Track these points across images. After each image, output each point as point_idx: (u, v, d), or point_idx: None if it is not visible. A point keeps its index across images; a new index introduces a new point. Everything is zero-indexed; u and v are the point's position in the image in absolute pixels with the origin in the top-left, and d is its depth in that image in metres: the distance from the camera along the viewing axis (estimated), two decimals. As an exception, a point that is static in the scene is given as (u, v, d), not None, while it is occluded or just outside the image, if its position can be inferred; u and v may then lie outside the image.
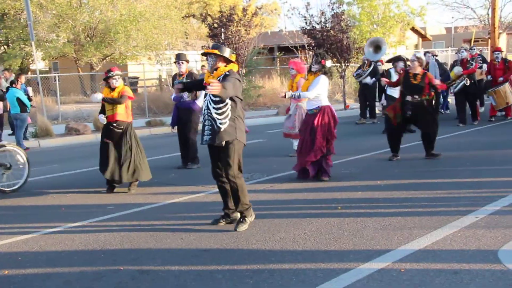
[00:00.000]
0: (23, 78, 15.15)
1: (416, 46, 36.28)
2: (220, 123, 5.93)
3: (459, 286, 4.25)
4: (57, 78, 22.35)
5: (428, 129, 9.56)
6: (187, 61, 9.95)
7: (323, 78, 8.22)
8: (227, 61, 6.04)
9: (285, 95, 8.50)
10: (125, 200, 7.76)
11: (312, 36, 21.39)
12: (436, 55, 17.09)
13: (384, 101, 17.36)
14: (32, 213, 7.36)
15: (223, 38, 19.17)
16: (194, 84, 7.38)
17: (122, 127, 8.36)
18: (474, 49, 16.41)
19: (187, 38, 37.11)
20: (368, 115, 16.59)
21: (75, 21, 28.70)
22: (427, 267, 4.67)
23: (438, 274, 4.49)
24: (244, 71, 20.49)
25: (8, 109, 14.54)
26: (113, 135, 8.36)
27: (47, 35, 28.99)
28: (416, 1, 68.86)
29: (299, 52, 26.50)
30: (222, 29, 19.12)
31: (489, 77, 15.15)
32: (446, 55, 29.21)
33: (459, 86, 14.11)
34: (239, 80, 6.01)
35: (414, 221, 6.03)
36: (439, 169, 8.78)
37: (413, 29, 34.29)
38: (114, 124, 8.34)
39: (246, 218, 6.14)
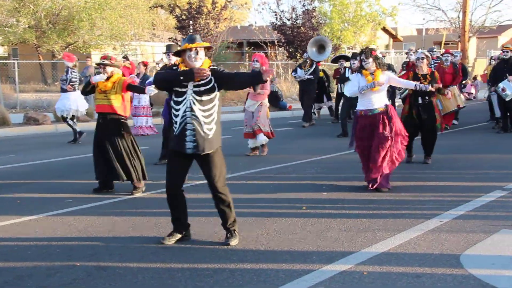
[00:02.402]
0: None
1: (387, 47, 36.61)
2: (208, 129, 5.17)
3: (421, 290, 4.23)
4: (16, 65, 21.74)
5: (433, 130, 9.35)
6: None
7: (392, 73, 7.60)
8: (206, 52, 5.32)
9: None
10: (84, 194, 7.54)
11: (282, 32, 21.43)
12: (384, 56, 16.53)
13: (327, 103, 17.23)
14: (-15, 204, 7.10)
15: (191, 31, 18.95)
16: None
17: (111, 119, 7.57)
18: (435, 51, 16.18)
19: (154, 29, 36.73)
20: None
21: (37, 6, 28.07)
22: (389, 270, 4.66)
23: (400, 278, 4.48)
24: (211, 66, 20.28)
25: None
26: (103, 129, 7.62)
27: (6, 20, 28.25)
28: (388, 1, 69.45)
29: (269, 48, 26.46)
30: (191, 21, 18.91)
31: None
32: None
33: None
34: None
35: (379, 223, 6.01)
36: (404, 172, 8.78)
37: (384, 29, 34.60)
38: (104, 117, 7.60)
39: (236, 232, 5.49)
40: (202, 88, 5.17)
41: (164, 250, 5.22)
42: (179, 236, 5.49)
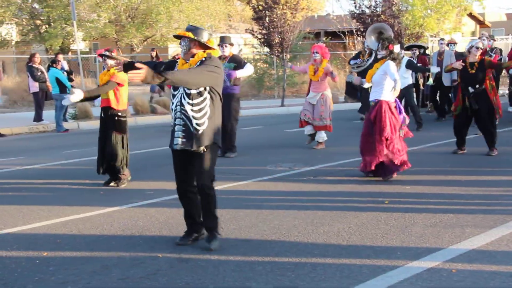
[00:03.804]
0: (60, 57, 15.27)
1: (473, 33, 34.91)
2: (197, 124, 4.92)
3: (517, 290, 4.02)
4: (97, 59, 22.40)
5: (489, 119, 8.99)
6: (231, 44, 9.68)
7: (392, 64, 7.50)
8: (204, 47, 5.07)
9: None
10: (164, 186, 7.60)
11: (361, 21, 20.92)
12: (455, 43, 15.14)
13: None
14: (70, 196, 7.33)
15: (267, 21, 18.83)
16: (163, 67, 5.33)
17: (110, 114, 7.75)
18: None
19: (230, 20, 36.91)
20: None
21: (117, 0, 28.76)
22: (481, 268, 4.45)
23: (493, 277, 4.28)
24: (288, 57, 20.13)
25: (50, 89, 14.70)
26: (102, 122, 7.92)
27: (88, 15, 29.08)
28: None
29: (347, 38, 25.94)
30: (267, 12, 18.75)
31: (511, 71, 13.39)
32: (506, 43, 27.25)
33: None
34: (217, 67, 4.97)
35: (467, 219, 5.76)
36: (494, 165, 8.40)
37: (471, 15, 33.01)
38: (104, 111, 7.82)
39: (217, 231, 5.17)
40: None
41: (244, 243, 5.20)
42: (195, 235, 5.31)
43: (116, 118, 7.74)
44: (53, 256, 5.01)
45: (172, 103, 5.07)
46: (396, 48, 7.66)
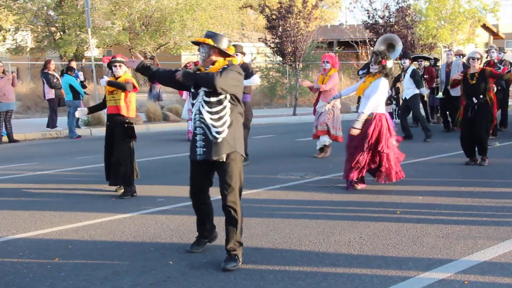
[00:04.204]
0: (74, 64, 15.39)
1: (487, 45, 34.79)
2: (216, 132, 4.79)
3: (530, 303, 3.99)
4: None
5: (481, 130, 8.99)
6: (243, 53, 9.67)
7: (383, 82, 7.45)
8: (224, 54, 4.95)
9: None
10: (176, 193, 7.63)
11: (375, 31, 20.91)
12: (464, 55, 14.72)
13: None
14: (82, 202, 7.37)
15: (281, 31, 18.86)
16: (164, 75, 5.30)
17: (117, 121, 7.67)
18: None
19: (243, 29, 37.06)
20: None
21: (131, 8, 28.97)
22: (493, 280, 4.42)
23: (506, 290, 4.23)
24: (301, 66, 20.13)
25: (64, 96, 14.81)
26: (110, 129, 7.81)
27: (103, 22, 29.33)
28: (490, -4, 65.29)
29: (360, 48, 25.89)
30: (281, 21, 18.79)
31: None
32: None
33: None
34: (240, 74, 4.91)
35: (480, 230, 5.71)
36: (507, 177, 8.33)
37: (484, 26, 32.89)
38: (111, 118, 7.73)
39: (238, 257, 4.88)
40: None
41: (255, 252, 5.19)
42: (206, 241, 5.33)
43: (124, 125, 7.68)
44: (65, 261, 5.04)
45: (192, 113, 4.99)
46: (389, 63, 7.51)
